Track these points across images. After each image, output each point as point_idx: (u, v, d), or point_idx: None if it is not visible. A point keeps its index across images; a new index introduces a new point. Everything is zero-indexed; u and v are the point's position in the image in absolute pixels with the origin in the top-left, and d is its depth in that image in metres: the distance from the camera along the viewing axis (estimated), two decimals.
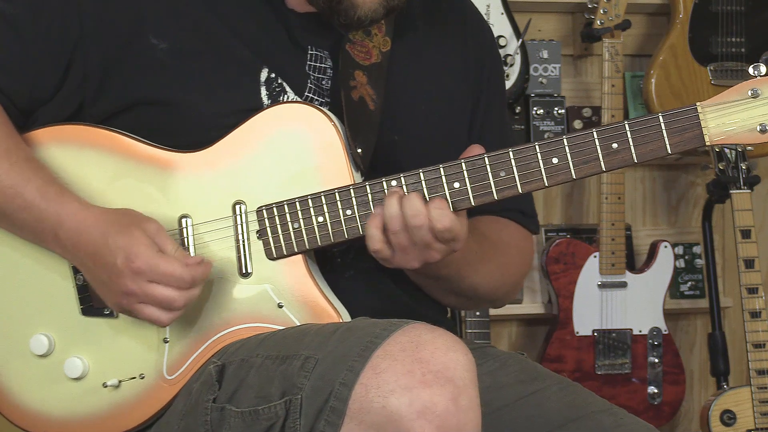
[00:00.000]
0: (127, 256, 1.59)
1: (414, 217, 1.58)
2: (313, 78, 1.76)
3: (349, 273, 1.75)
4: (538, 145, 1.60)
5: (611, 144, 1.59)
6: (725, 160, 3.10)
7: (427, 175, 1.62)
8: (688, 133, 1.57)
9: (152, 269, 1.58)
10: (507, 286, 1.89)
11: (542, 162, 1.60)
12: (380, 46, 1.78)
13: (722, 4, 3.30)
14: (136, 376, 1.69)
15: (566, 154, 1.60)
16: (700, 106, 1.57)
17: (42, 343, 1.70)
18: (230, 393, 1.55)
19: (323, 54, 1.77)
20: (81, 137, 1.72)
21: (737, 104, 1.57)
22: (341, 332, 1.50)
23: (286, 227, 1.66)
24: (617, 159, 1.59)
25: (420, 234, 1.59)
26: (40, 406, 1.72)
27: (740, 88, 1.58)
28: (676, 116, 1.58)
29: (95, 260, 1.62)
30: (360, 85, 1.74)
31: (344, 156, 1.66)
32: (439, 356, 1.41)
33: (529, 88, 3.36)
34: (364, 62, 1.76)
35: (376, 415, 1.40)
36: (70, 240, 1.64)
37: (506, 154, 1.61)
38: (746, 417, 3.09)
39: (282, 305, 1.66)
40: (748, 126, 1.57)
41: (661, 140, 1.58)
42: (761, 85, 1.57)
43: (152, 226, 1.63)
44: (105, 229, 1.62)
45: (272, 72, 1.73)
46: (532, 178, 1.61)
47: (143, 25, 1.71)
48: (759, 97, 1.57)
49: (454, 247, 1.62)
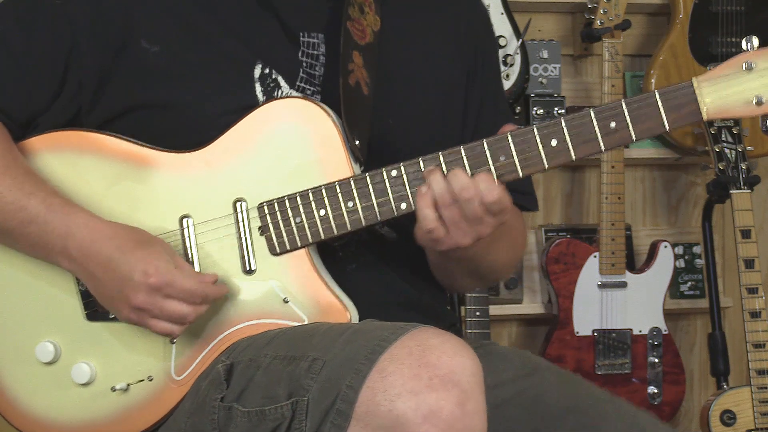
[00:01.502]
0: (145, 271, 1.59)
1: (464, 190, 1.57)
2: (306, 65, 1.75)
3: (351, 266, 1.74)
4: (537, 128, 1.60)
5: (609, 123, 1.59)
6: (725, 160, 3.11)
7: (427, 163, 1.62)
8: (686, 109, 1.57)
9: (169, 284, 1.59)
10: (514, 262, 1.91)
11: (541, 144, 1.60)
12: (372, 26, 1.77)
13: (722, 4, 3.31)
14: (144, 379, 1.69)
15: (565, 135, 1.59)
16: (695, 80, 1.57)
17: (48, 351, 1.70)
18: (238, 392, 1.56)
19: (317, 40, 1.76)
20: (77, 143, 1.72)
21: (732, 77, 1.57)
22: (349, 334, 1.50)
23: (288, 222, 1.66)
24: (616, 137, 1.59)
25: (471, 207, 1.58)
26: (49, 414, 1.72)
27: (734, 61, 1.58)
28: (672, 92, 1.58)
29: (106, 272, 1.62)
30: (357, 68, 1.73)
31: (343, 149, 1.66)
32: (446, 360, 1.41)
33: (529, 88, 3.36)
34: (361, 41, 1.75)
35: (382, 419, 1.40)
36: (80, 251, 1.63)
37: (505, 138, 1.60)
38: (746, 417, 3.09)
39: (287, 300, 1.66)
40: (744, 99, 1.57)
41: (658, 117, 1.58)
42: (755, 57, 1.57)
43: (167, 245, 1.64)
44: (120, 242, 1.62)
45: (266, 66, 1.72)
46: (532, 160, 1.60)
47: (134, 31, 1.71)
48: (753, 69, 1.57)
49: (502, 219, 1.61)
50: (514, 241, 1.86)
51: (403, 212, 1.64)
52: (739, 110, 1.57)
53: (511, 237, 1.84)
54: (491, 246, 1.75)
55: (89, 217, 1.65)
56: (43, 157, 1.72)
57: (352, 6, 1.75)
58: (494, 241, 1.74)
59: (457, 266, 1.80)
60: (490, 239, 1.71)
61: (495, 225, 1.62)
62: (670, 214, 3.59)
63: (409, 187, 1.62)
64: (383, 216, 1.64)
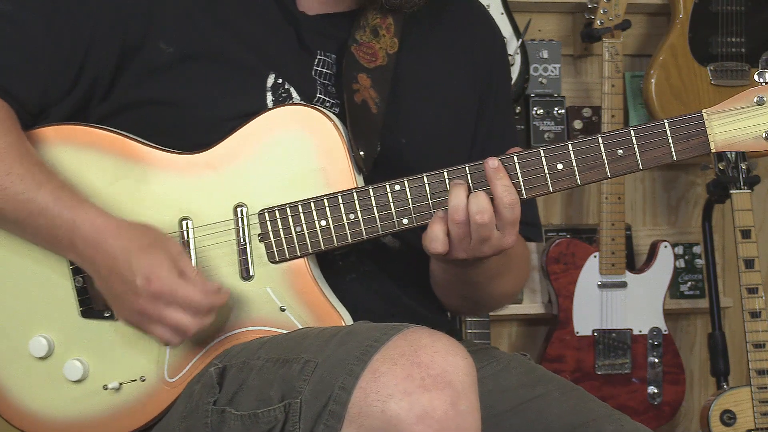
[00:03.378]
0: (147, 277, 1.58)
1: (478, 214, 1.58)
2: (320, 82, 1.76)
3: (350, 276, 1.75)
4: (543, 150, 1.60)
5: (617, 150, 1.58)
6: (725, 160, 3.11)
7: (431, 179, 1.62)
8: (694, 140, 1.57)
9: (171, 293, 1.58)
10: (514, 295, 1.92)
11: (547, 168, 1.60)
12: (387, 48, 1.78)
13: (722, 4, 3.30)
14: (136, 379, 1.69)
15: (571, 160, 1.59)
16: (706, 113, 1.57)
17: (41, 346, 1.70)
18: (231, 395, 1.55)
19: (330, 60, 1.77)
20: (81, 137, 1.72)
21: (743, 111, 1.56)
22: (341, 336, 1.50)
23: (288, 231, 1.65)
24: (622, 165, 1.59)
25: (482, 231, 1.58)
26: (40, 409, 1.72)
27: (746, 95, 1.57)
28: (682, 123, 1.57)
29: (111, 271, 1.62)
30: (363, 89, 1.74)
31: (347, 158, 1.66)
32: (439, 360, 1.41)
33: (529, 88, 3.36)
34: (369, 65, 1.76)
35: (375, 420, 1.40)
36: (86, 246, 1.63)
37: (511, 159, 1.60)
38: (746, 417, 3.09)
39: (284, 309, 1.66)
40: (754, 133, 1.56)
41: (666, 147, 1.57)
42: (767, 92, 1.56)
43: (175, 248, 1.62)
44: (126, 245, 1.61)
45: (279, 77, 1.73)
46: (537, 183, 1.60)
47: (153, 30, 1.71)
48: (765, 104, 1.56)
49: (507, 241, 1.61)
50: (517, 275, 1.87)
51: (405, 227, 1.64)
52: (748, 144, 1.57)
53: (514, 271, 1.85)
54: (494, 278, 1.77)
55: (97, 212, 1.64)
56: (47, 148, 1.71)
57: (362, 30, 1.77)
58: (498, 274, 1.75)
59: (459, 288, 1.80)
60: (495, 272, 1.72)
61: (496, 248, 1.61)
62: (670, 214, 3.59)
63: (412, 203, 1.63)
64: (384, 230, 1.64)
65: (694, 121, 1.57)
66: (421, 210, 1.63)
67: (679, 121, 1.57)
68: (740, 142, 1.56)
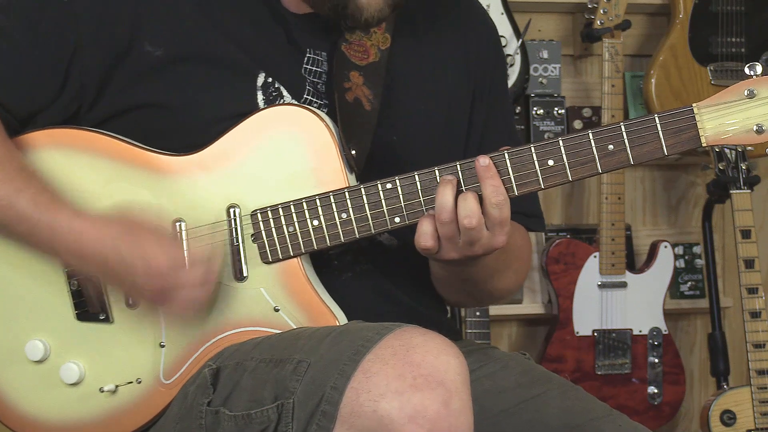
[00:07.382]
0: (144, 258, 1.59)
1: (467, 218, 1.57)
2: (310, 81, 1.75)
3: (346, 275, 1.74)
4: (534, 147, 1.60)
5: (607, 145, 1.58)
6: (725, 160, 3.10)
7: (422, 177, 1.62)
8: (685, 135, 1.56)
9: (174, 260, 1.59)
10: (516, 288, 1.91)
11: (538, 164, 1.60)
12: (379, 44, 1.77)
13: (722, 4, 3.30)
14: (133, 381, 1.69)
15: (562, 155, 1.59)
16: (696, 107, 1.56)
17: (37, 349, 1.70)
18: (224, 396, 1.55)
19: (320, 57, 1.77)
20: (74, 141, 1.72)
21: (734, 105, 1.56)
22: (334, 336, 1.50)
23: (281, 230, 1.65)
24: (613, 160, 1.59)
25: (471, 233, 1.58)
26: (37, 412, 1.72)
27: (736, 88, 1.56)
28: (672, 117, 1.57)
29: (106, 271, 1.62)
30: (355, 86, 1.74)
31: (338, 158, 1.65)
32: (430, 359, 1.41)
33: (529, 88, 3.36)
34: (361, 62, 1.75)
35: (367, 420, 1.40)
36: (68, 252, 1.63)
37: (501, 156, 1.60)
38: (746, 417, 3.09)
39: (278, 309, 1.66)
40: (744, 127, 1.56)
41: (657, 141, 1.57)
42: (757, 85, 1.56)
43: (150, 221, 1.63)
44: (109, 242, 1.61)
45: (269, 76, 1.72)
46: (528, 179, 1.60)
47: (139, 33, 1.71)
48: (755, 97, 1.56)
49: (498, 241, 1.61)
50: (519, 268, 1.87)
51: (397, 226, 1.63)
52: (739, 138, 1.56)
53: (516, 265, 1.85)
54: (494, 274, 1.77)
55: (72, 216, 1.63)
56: (40, 152, 1.71)
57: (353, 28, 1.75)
58: (498, 270, 1.75)
59: (459, 284, 1.80)
60: (495, 269, 1.72)
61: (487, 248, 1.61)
62: (670, 214, 3.59)
63: (404, 201, 1.63)
64: (377, 228, 1.64)
65: (685, 116, 1.56)
66: (413, 208, 1.62)
67: (670, 116, 1.57)
68: (731, 136, 1.56)
